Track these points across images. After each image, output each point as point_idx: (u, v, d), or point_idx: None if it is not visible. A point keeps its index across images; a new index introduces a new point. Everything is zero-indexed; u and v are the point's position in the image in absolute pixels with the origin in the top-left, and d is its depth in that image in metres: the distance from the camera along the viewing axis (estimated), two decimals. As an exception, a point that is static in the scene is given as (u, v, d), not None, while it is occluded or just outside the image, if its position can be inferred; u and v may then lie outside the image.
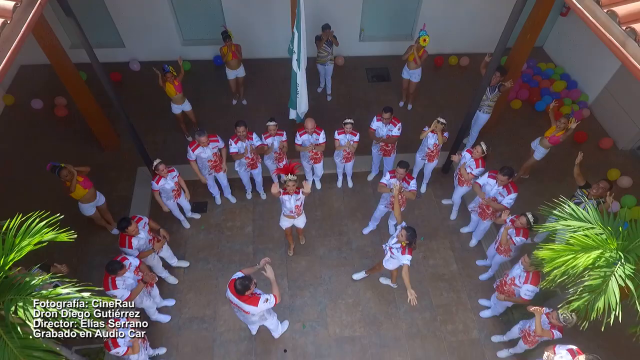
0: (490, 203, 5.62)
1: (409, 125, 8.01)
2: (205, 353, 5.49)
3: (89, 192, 5.75)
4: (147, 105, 8.31)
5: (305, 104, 6.44)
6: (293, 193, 5.30)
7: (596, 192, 5.24)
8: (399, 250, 4.90)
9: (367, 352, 5.56)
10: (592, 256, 3.77)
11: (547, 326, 4.38)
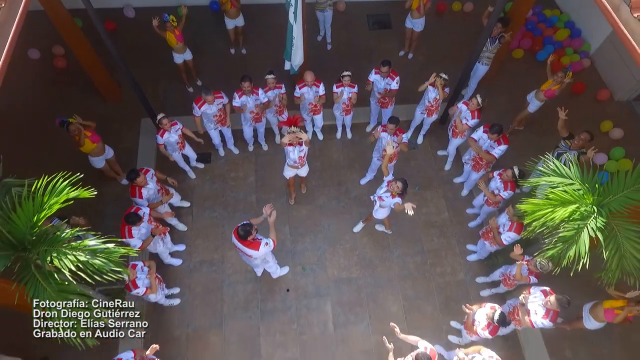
0: (483, 154, 5.93)
1: (409, 75, 8.11)
2: (215, 292, 6.08)
3: (97, 146, 6.03)
4: (145, 55, 8.29)
5: (300, 56, 6.51)
6: (297, 145, 5.60)
7: (577, 143, 5.51)
8: (388, 197, 5.27)
9: (362, 291, 6.15)
10: (568, 210, 4.15)
11: (526, 273, 4.87)
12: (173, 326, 5.87)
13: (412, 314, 6.01)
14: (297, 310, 5.99)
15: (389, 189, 5.27)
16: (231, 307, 6.02)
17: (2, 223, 3.28)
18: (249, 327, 5.89)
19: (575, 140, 5.54)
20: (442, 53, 8.71)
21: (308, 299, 6.09)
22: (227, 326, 5.90)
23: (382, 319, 5.92)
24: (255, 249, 4.76)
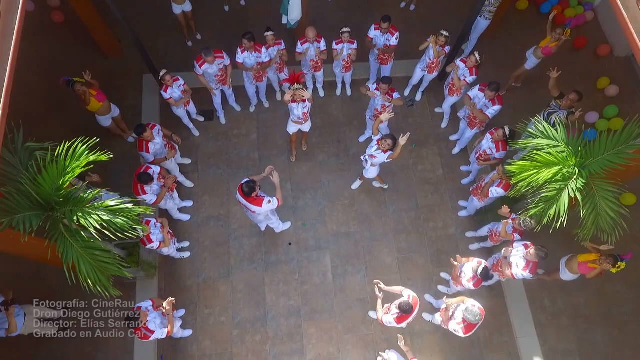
0: (477, 113, 6.17)
1: (411, 28, 8.22)
2: (223, 246, 6.58)
3: (103, 105, 6.26)
4: (142, 6, 8.26)
5: (297, 11, 6.56)
6: (300, 101, 5.84)
7: (566, 103, 5.71)
8: (380, 153, 5.57)
9: (359, 245, 6.64)
10: (552, 171, 4.51)
11: (510, 230, 5.28)
12: (185, 276, 6.41)
13: (405, 266, 6.54)
14: (299, 262, 6.51)
15: (380, 147, 5.55)
16: (237, 259, 6.53)
17: (30, 185, 3.63)
18: (254, 278, 6.43)
19: (564, 100, 5.73)
20: (444, 4, 8.64)
21: (309, 251, 6.59)
22: (234, 276, 6.44)
23: (377, 270, 6.45)
24: (258, 205, 5.15)
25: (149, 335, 4.63)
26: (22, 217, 3.50)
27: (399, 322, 4.57)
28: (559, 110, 5.85)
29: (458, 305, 4.71)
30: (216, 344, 6.12)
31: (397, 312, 4.54)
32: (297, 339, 6.16)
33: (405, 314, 4.45)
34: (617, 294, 6.41)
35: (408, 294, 4.60)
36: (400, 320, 4.56)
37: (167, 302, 4.73)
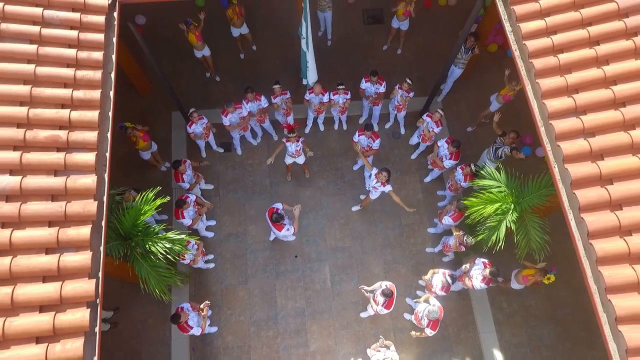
0: (437, 161, 7.80)
1: (398, 69, 9.81)
2: (241, 258, 8.23)
3: (147, 143, 7.90)
4: (167, 50, 9.84)
5: (314, 75, 8.17)
6: (294, 141, 7.50)
7: (507, 140, 7.29)
8: (380, 186, 7.21)
9: (352, 257, 8.30)
10: (494, 207, 6.14)
11: (457, 244, 6.92)
12: (210, 283, 8.07)
13: (391, 275, 8.19)
14: (303, 271, 8.16)
15: (378, 180, 7.17)
16: (253, 269, 8.19)
17: (116, 222, 5.28)
18: (267, 284, 8.09)
19: (506, 138, 7.31)
20: (428, 48, 10.24)
21: (311, 263, 8.25)
22: (251, 283, 8.10)
23: (367, 278, 8.10)
24: (279, 230, 6.82)
25: (188, 329, 6.26)
26: (111, 245, 5.14)
27: (388, 307, 6.28)
28: (504, 146, 7.43)
29: (424, 309, 6.37)
30: (237, 338, 7.77)
31: (383, 300, 6.21)
32: (302, 334, 7.81)
33: (389, 298, 6.20)
34: (561, 298, 8.05)
35: (386, 283, 6.28)
36: (389, 304, 6.27)
37: (204, 304, 6.38)
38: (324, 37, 10.39)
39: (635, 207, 4.42)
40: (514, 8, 5.49)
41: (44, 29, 5.07)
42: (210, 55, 9.27)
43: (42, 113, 4.69)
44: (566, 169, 4.68)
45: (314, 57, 7.92)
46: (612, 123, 4.71)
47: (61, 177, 4.51)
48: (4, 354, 3.83)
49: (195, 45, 8.83)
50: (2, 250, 4.14)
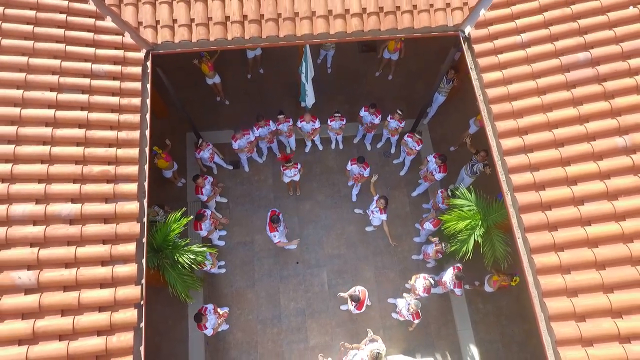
0: (429, 176, 9.00)
1: (389, 93, 11.01)
2: (249, 264, 9.42)
3: (169, 163, 9.09)
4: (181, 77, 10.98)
5: (311, 99, 9.37)
6: (292, 169, 8.69)
7: (480, 158, 8.48)
8: (377, 211, 8.39)
9: (347, 263, 9.49)
10: (465, 223, 7.33)
11: (435, 253, 8.12)
12: (222, 287, 9.25)
13: (380, 279, 9.38)
14: (304, 276, 9.35)
15: (377, 205, 8.34)
16: (260, 274, 9.38)
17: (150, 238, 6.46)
18: (272, 287, 9.28)
19: (478, 157, 8.49)
20: (416, 75, 11.44)
21: (311, 268, 9.44)
22: (258, 286, 9.29)
23: (360, 282, 9.24)
24: (270, 231, 8.07)
25: (203, 329, 7.44)
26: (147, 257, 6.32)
27: (359, 309, 7.52)
28: (478, 162, 8.62)
29: (403, 305, 7.58)
30: (245, 334, 8.96)
31: (354, 303, 7.43)
32: (303, 331, 9.00)
33: (357, 301, 7.41)
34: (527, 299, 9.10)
35: (358, 288, 7.47)
36: (359, 307, 7.50)
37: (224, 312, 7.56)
38: (324, 64, 11.54)
39: (568, 228, 5.60)
40: (478, 60, 6.68)
41: (93, 81, 6.25)
42: (221, 82, 10.46)
43: (94, 152, 5.87)
44: (515, 196, 5.87)
45: (312, 87, 9.11)
46: (552, 160, 5.89)
47: (111, 204, 5.70)
48: (75, 344, 5.02)
49: (207, 74, 10.03)
50: (69, 263, 5.33)
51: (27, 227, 5.35)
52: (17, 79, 5.94)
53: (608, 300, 5.21)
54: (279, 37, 6.91)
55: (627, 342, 5.07)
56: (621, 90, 5.97)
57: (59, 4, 6.51)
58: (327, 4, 6.93)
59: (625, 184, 5.59)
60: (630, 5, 6.32)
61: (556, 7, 6.59)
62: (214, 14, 6.83)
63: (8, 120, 5.75)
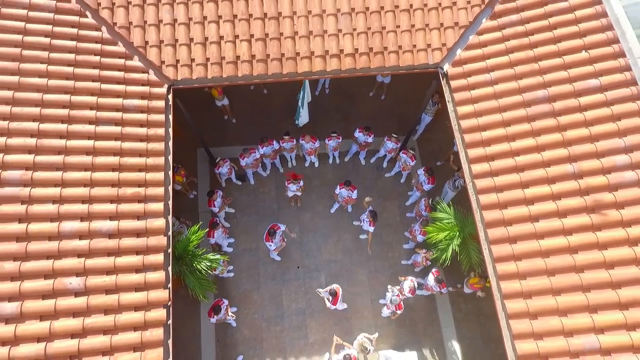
0: (419, 187, 10.12)
1: (381, 111, 12.11)
2: (254, 269, 10.55)
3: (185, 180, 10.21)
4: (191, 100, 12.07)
5: (305, 120, 10.51)
6: (296, 184, 9.82)
7: (462, 175, 9.54)
8: (367, 222, 9.51)
9: (343, 268, 10.61)
10: (444, 234, 8.45)
11: (423, 260, 9.24)
12: (230, 289, 10.38)
13: (373, 282, 10.50)
14: (304, 279, 10.47)
15: (368, 218, 9.49)
16: (264, 277, 10.50)
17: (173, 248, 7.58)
18: (275, 289, 10.40)
19: (460, 173, 9.60)
20: (406, 95, 12.52)
21: (310, 272, 10.56)
22: (262, 289, 10.41)
23: (355, 284, 10.41)
24: (266, 240, 9.21)
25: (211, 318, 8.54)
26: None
27: (334, 303, 8.65)
28: (459, 178, 9.73)
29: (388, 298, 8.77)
30: (252, 332, 10.08)
31: (331, 297, 8.55)
32: (303, 329, 10.12)
33: (334, 297, 8.55)
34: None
35: (334, 286, 8.62)
36: (334, 301, 8.62)
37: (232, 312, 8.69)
38: (322, 85, 12.64)
39: (525, 241, 6.72)
40: (454, 95, 7.79)
41: (124, 114, 7.37)
42: (229, 104, 11.58)
43: (127, 176, 7.00)
44: (482, 214, 6.98)
45: (307, 110, 10.24)
46: (514, 184, 7.01)
47: (142, 221, 6.82)
48: (116, 338, 6.14)
49: (217, 98, 11.16)
50: (109, 271, 6.45)
51: (75, 241, 6.47)
52: (62, 114, 7.06)
53: (555, 301, 6.32)
54: (282, 73, 8.01)
55: (570, 336, 6.18)
56: (572, 124, 7.08)
57: (93, 47, 7.62)
58: (324, 45, 8.03)
59: (573, 204, 6.70)
60: (582, 49, 7.42)
61: (520, 49, 7.69)
62: (227, 54, 7.93)
63: (56, 150, 6.87)
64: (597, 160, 6.82)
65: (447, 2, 8.10)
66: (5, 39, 7.22)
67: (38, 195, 6.53)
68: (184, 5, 7.94)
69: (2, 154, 6.58)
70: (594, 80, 7.18)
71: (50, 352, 5.87)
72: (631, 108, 6.91)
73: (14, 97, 6.92)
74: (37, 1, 7.55)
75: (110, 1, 7.88)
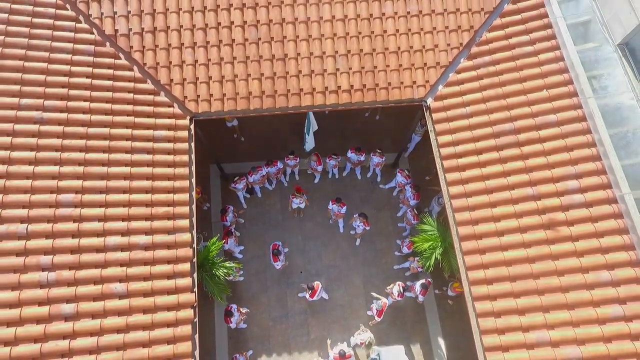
0: (405, 203, 11.51)
1: (376, 130, 13.48)
2: (262, 273, 11.93)
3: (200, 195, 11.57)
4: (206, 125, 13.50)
5: (311, 145, 11.87)
6: (299, 197, 11.19)
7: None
8: (362, 225, 10.90)
9: (341, 272, 12.00)
10: (429, 244, 9.83)
11: (416, 267, 10.63)
12: (241, 291, 11.75)
13: (367, 285, 11.88)
14: (306, 282, 11.81)
15: (360, 221, 10.88)
16: (271, 281, 11.88)
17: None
18: (280, 291, 11.78)
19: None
20: (398, 116, 13.86)
21: (312, 276, 11.93)
22: (269, 291, 11.78)
23: (351, 287, 11.79)
24: (274, 261, 10.64)
25: (230, 323, 9.93)
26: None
27: (312, 297, 10.10)
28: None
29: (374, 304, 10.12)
30: (260, 329, 11.46)
31: (309, 291, 9.92)
32: (305, 327, 11.49)
33: (311, 290, 9.96)
34: (485, 301, 11.71)
35: (315, 282, 10.04)
36: (312, 295, 10.10)
37: (244, 312, 10.07)
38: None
39: (491, 253, 8.09)
40: (436, 126, 9.16)
41: (155, 144, 8.73)
42: (238, 125, 12.96)
43: (159, 197, 8.38)
44: (458, 229, 8.35)
45: (312, 137, 11.61)
46: (484, 204, 8.38)
47: (172, 235, 8.20)
48: (153, 333, 7.50)
49: (227, 120, 12.53)
50: (146, 277, 7.82)
51: (117, 253, 7.85)
52: (103, 145, 8.43)
53: (516, 303, 7.70)
54: (288, 107, 9.39)
55: (527, 331, 7.55)
56: (533, 153, 8.45)
57: (127, 85, 8.99)
58: (324, 83, 9.41)
59: (532, 222, 8.08)
60: (543, 89, 8.79)
61: (491, 87, 9.06)
62: (240, 90, 9.30)
63: (99, 176, 8.23)
64: (552, 184, 8.18)
65: (430, 44, 9.47)
66: (54, 81, 8.56)
67: (87, 214, 7.90)
68: (204, 49, 9.30)
69: (57, 180, 7.94)
70: (552, 116, 8.54)
71: (102, 345, 7.24)
72: (581, 140, 8.27)
73: (64, 131, 8.28)
74: (79, 47, 8.90)
75: (140, 44, 9.24)
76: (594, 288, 7.51)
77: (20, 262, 7.37)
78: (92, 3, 9.18)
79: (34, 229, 7.58)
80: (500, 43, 9.25)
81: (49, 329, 7.16)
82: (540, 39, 9.08)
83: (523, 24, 9.24)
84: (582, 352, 7.18)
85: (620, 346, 7.11)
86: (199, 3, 9.36)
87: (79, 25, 9.05)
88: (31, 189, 7.79)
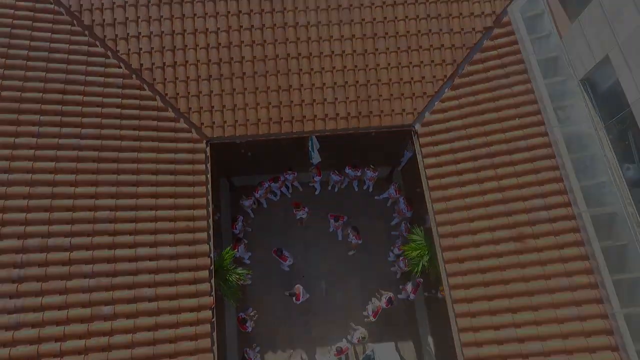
0: (399, 212, 12.82)
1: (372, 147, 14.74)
2: (268, 277, 13.25)
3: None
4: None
5: (317, 159, 13.18)
6: (302, 210, 12.51)
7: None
8: (354, 238, 12.22)
9: (340, 276, 13.31)
10: (417, 252, 11.14)
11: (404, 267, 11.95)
12: (249, 294, 13.09)
13: (364, 288, 13.19)
14: (308, 285, 13.14)
15: (352, 234, 12.20)
16: (276, 284, 13.19)
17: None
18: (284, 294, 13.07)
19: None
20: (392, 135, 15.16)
21: (313, 279, 13.26)
22: (275, 293, 13.10)
23: (349, 290, 13.10)
24: (284, 260, 11.90)
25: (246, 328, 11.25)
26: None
27: (297, 300, 11.41)
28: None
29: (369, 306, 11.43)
30: (267, 328, 12.78)
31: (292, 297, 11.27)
32: (307, 325, 12.81)
33: (294, 296, 11.37)
34: (470, 302, 13.02)
35: (297, 287, 11.42)
36: (297, 298, 11.50)
37: (253, 314, 11.38)
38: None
39: (469, 262, 9.38)
40: (422, 149, 10.45)
41: (177, 165, 10.03)
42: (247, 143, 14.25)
43: (181, 213, 9.69)
44: (440, 241, 9.65)
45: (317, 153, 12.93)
46: (463, 219, 9.67)
47: (192, 246, 9.51)
48: (178, 331, 8.82)
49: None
50: (171, 283, 9.12)
51: (146, 262, 9.15)
52: (132, 168, 9.72)
53: (488, 305, 9.00)
54: (292, 132, 10.69)
55: (498, 330, 8.86)
56: (505, 175, 9.74)
57: (151, 114, 10.28)
58: (324, 110, 10.71)
59: (503, 235, 9.38)
60: (516, 117, 10.06)
61: (472, 115, 10.34)
62: (250, 117, 10.61)
63: (130, 195, 9.53)
64: (522, 202, 9.48)
65: (417, 77, 10.77)
66: (89, 111, 9.86)
67: (120, 229, 9.21)
68: (218, 81, 10.61)
69: (94, 199, 9.25)
70: (522, 142, 9.83)
71: (135, 341, 8.56)
72: (547, 164, 9.56)
73: (99, 155, 9.58)
74: (109, 80, 10.19)
75: (162, 77, 10.54)
76: (555, 292, 8.81)
77: (66, 270, 8.68)
78: (119, 41, 10.47)
79: (77, 242, 8.89)
80: (480, 75, 10.54)
81: (91, 328, 8.48)
82: (514, 72, 10.36)
83: (499, 59, 10.53)
84: (543, 347, 8.49)
85: (575, 342, 8.42)
86: (213, 40, 10.66)
87: (108, 61, 10.34)
88: (73, 207, 9.11)
